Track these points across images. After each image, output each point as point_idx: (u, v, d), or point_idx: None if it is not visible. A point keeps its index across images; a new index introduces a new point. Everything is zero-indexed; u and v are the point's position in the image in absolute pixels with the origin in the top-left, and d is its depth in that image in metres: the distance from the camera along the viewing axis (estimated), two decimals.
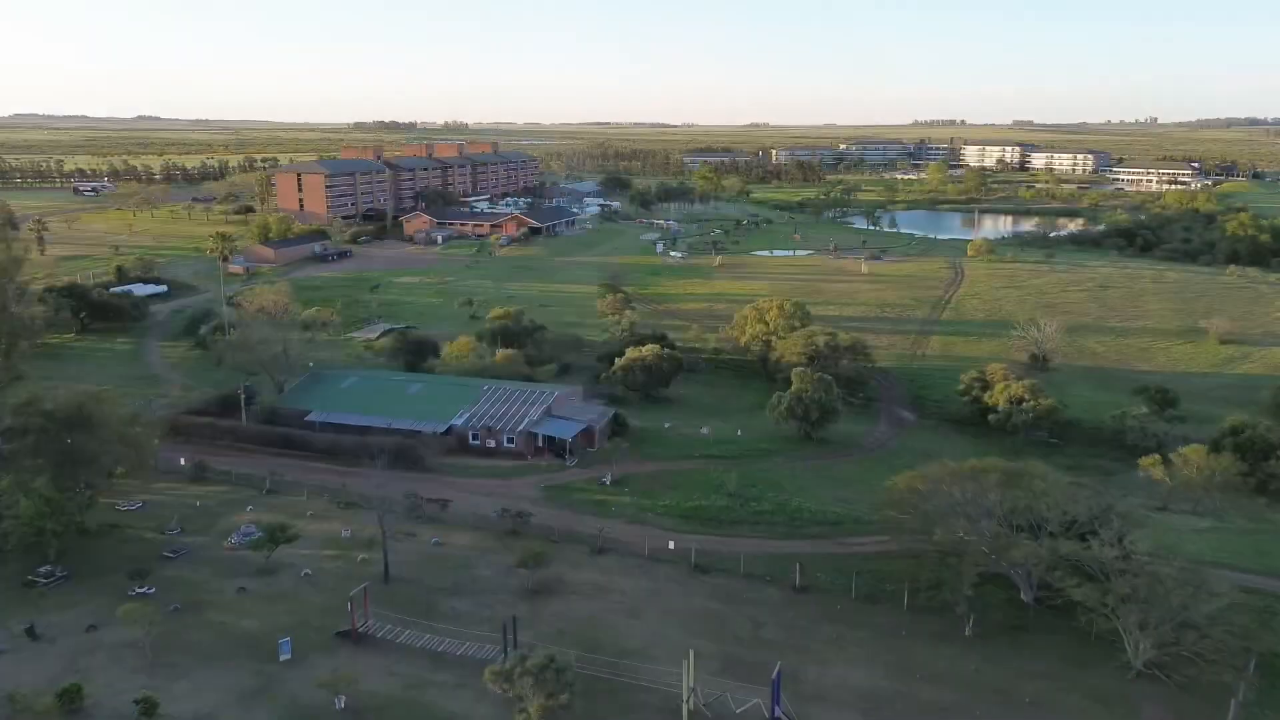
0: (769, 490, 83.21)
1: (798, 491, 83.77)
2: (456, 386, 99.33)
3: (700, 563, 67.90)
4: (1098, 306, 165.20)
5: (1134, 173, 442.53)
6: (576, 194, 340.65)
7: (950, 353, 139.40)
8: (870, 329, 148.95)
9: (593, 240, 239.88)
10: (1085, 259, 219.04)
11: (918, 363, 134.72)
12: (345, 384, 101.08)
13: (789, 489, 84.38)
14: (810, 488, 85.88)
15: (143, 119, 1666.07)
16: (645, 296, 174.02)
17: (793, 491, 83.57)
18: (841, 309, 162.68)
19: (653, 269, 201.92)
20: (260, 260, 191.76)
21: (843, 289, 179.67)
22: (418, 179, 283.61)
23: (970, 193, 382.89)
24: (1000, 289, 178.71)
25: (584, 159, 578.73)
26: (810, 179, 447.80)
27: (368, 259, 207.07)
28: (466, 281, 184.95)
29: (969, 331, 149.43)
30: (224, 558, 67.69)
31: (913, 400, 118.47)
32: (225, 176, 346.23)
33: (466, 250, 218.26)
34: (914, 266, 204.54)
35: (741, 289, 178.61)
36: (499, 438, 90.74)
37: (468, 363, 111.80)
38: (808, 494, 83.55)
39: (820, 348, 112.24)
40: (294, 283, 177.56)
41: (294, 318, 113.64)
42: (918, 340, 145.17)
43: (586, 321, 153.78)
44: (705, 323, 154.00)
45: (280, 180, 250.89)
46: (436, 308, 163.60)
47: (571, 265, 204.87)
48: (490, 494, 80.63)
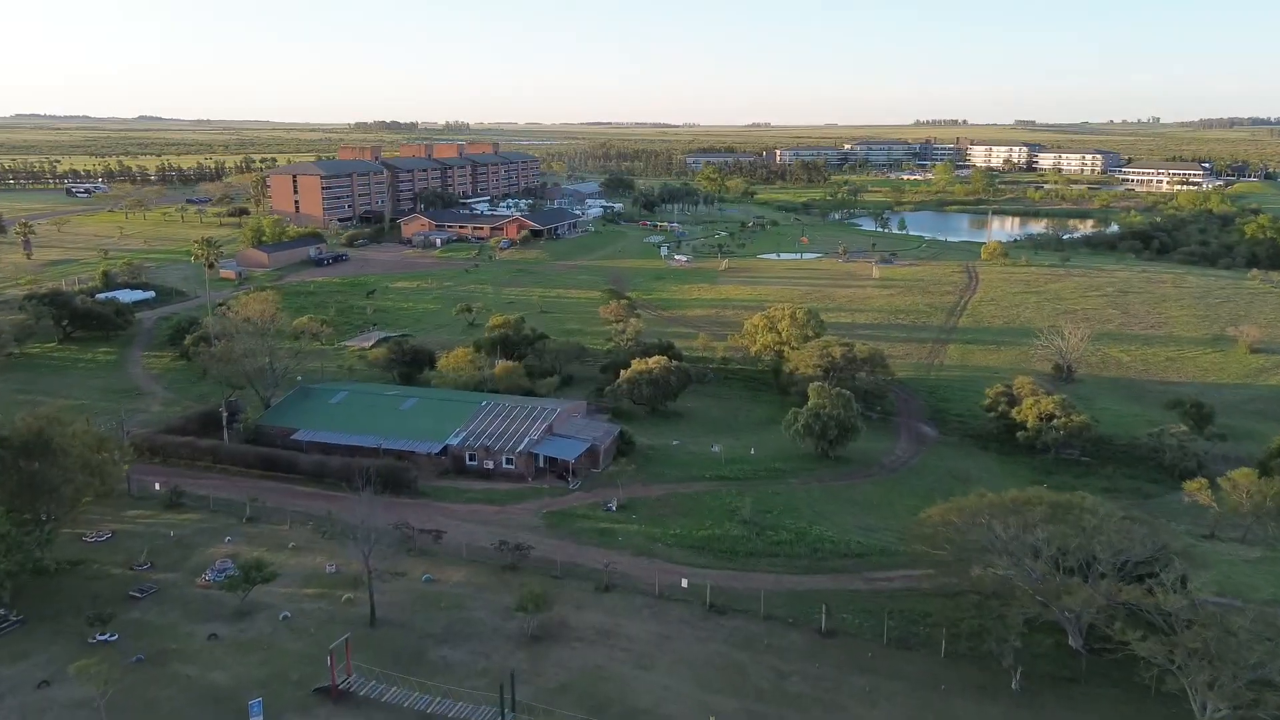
0: (786, 516, 77.55)
1: (817, 518, 78.09)
2: (453, 402, 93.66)
3: (716, 602, 62.22)
4: (1119, 313, 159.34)
5: (1144, 173, 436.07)
6: (578, 195, 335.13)
7: (969, 363, 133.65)
8: (884, 337, 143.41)
9: (595, 243, 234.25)
10: (1102, 262, 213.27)
11: (936, 373, 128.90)
12: (335, 400, 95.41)
13: (808, 515, 78.69)
14: (830, 513, 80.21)
15: (144, 119, 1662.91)
16: (649, 302, 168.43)
17: (812, 518, 77.89)
18: (853, 316, 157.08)
19: (657, 273, 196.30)
20: (253, 265, 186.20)
21: (853, 294, 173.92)
22: (416, 180, 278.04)
23: (978, 193, 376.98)
24: (1017, 294, 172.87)
25: (585, 159, 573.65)
26: (815, 179, 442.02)
27: (364, 263, 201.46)
28: (465, 286, 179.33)
29: (987, 340, 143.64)
30: (196, 597, 62.05)
31: (933, 414, 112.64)
32: (222, 178, 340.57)
33: (466, 254, 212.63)
34: (926, 270, 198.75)
35: (749, 294, 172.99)
36: (497, 458, 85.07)
37: (465, 375, 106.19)
38: (828, 520, 77.89)
39: (836, 359, 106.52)
40: (287, 288, 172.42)
41: (281, 329, 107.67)
42: (934, 349, 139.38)
43: (589, 329, 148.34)
44: (712, 330, 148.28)
45: (275, 182, 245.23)
46: (434, 314, 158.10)
47: (573, 269, 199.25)
48: (487, 522, 75.00)
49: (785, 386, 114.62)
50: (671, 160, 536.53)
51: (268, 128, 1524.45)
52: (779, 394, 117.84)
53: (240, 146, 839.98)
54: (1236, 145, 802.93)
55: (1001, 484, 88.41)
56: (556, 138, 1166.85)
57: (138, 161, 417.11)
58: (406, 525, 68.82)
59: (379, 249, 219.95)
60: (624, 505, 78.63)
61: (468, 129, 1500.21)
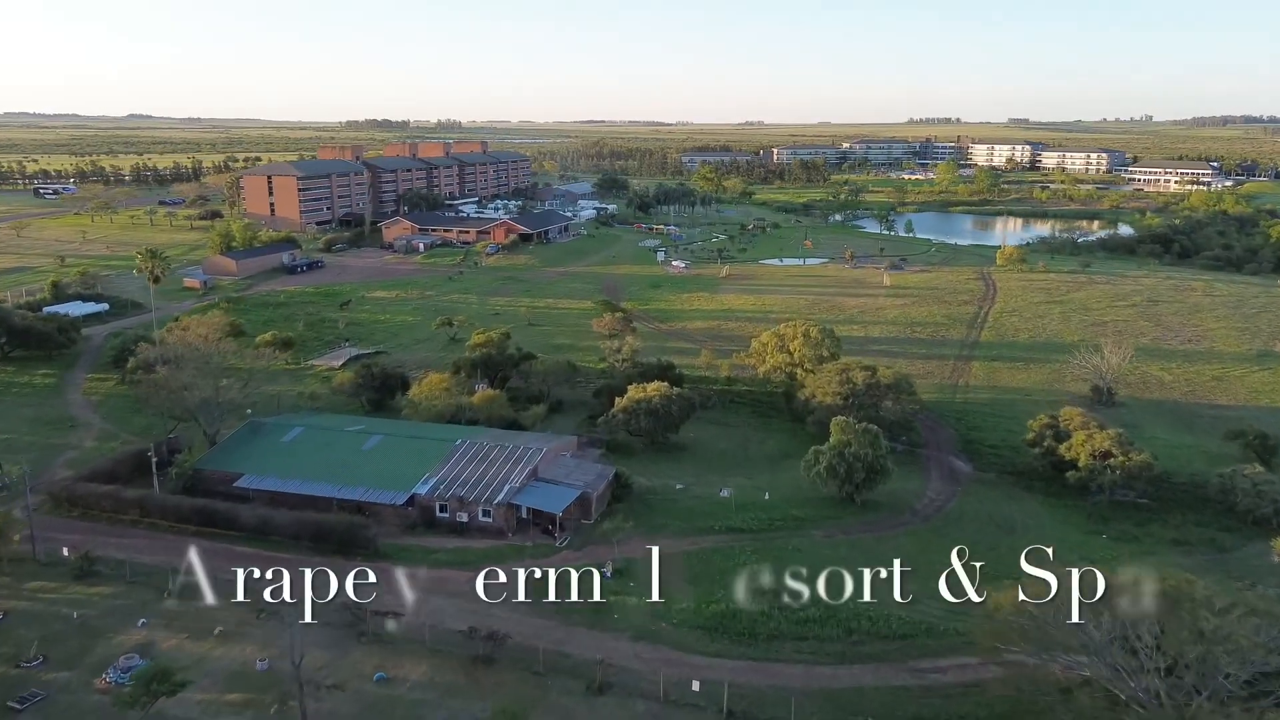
0: (812, 581, 65.59)
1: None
2: (423, 440, 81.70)
3: (735, 709, 50.54)
4: (1152, 325, 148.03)
5: (1150, 173, 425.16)
6: (570, 196, 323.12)
7: (997, 383, 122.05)
8: (902, 353, 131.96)
9: (588, 248, 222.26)
10: (1123, 268, 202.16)
11: (962, 396, 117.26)
12: (287, 437, 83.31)
13: (836, 581, 66.73)
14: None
15: (134, 117, 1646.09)
16: (646, 313, 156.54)
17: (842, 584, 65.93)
18: (866, 329, 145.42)
19: (653, 280, 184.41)
20: (221, 273, 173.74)
21: (864, 304, 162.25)
22: (400, 181, 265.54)
23: (982, 194, 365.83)
24: (1040, 304, 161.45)
25: (578, 158, 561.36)
26: (814, 179, 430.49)
27: (341, 270, 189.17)
28: (448, 296, 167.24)
29: (1014, 356, 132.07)
30: (92, 706, 50.15)
31: (964, 444, 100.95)
32: (198, 178, 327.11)
33: (450, 260, 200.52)
34: (939, 277, 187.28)
35: (752, 305, 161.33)
36: (473, 510, 73.13)
37: (441, 404, 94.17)
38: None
39: (858, 386, 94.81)
40: (255, 299, 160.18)
41: (226, 357, 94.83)
42: (958, 368, 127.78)
43: (582, 343, 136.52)
44: (715, 344, 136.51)
45: (249, 183, 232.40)
46: (413, 327, 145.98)
47: (564, 277, 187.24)
48: (457, 594, 62.83)
49: (799, 413, 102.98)
50: (666, 159, 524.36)
51: (258, 126, 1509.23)
52: (791, 420, 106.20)
53: (227, 145, 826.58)
54: (1233, 144, 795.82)
55: (1051, 534, 77.07)
56: (550, 136, 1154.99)
57: (114, 161, 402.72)
58: (357, 607, 56.82)
59: (358, 254, 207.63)
60: (621, 569, 66.84)
61: (460, 127, 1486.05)
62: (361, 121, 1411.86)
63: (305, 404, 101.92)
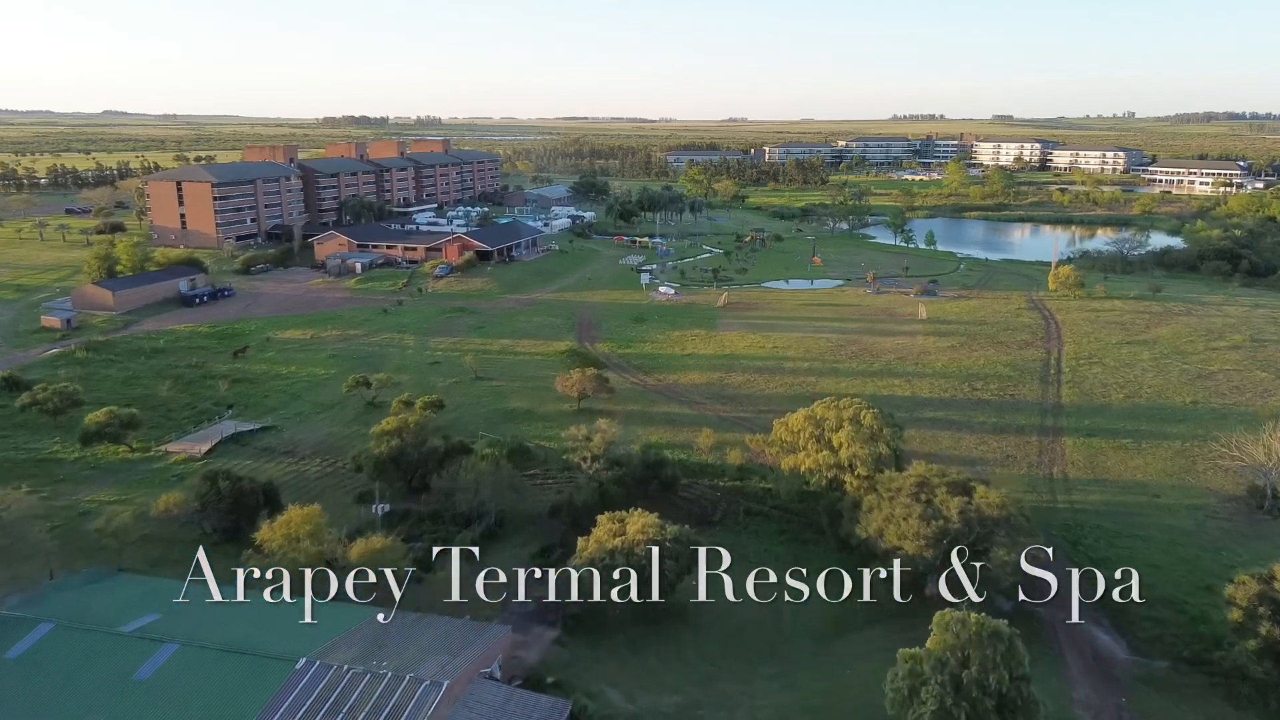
0: None
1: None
2: (243, 663, 47.78)
3: None
4: (1273, 377, 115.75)
5: (1173, 173, 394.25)
6: (544, 201, 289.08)
7: (1107, 473, 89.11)
8: (964, 423, 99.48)
9: (559, 267, 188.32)
10: (1194, 290, 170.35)
11: (1066, 497, 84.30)
12: (18, 650, 49.26)
13: None
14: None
15: (109, 114, 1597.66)
16: (627, 360, 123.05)
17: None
18: (911, 385, 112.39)
19: (637, 311, 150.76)
20: (94, 306, 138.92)
21: (901, 347, 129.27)
22: (343, 186, 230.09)
23: (997, 196, 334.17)
24: (1119, 346, 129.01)
25: (555, 157, 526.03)
26: (811, 180, 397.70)
27: (253, 300, 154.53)
28: (378, 337, 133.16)
29: (1116, 428, 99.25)
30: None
31: (1098, 599, 67.85)
32: (113, 182, 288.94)
33: (391, 284, 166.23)
34: (983, 306, 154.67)
35: (761, 348, 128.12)
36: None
37: (307, 552, 60.33)
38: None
39: (951, 521, 61.56)
40: (126, 343, 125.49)
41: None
42: (1045, 448, 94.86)
43: (543, 408, 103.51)
44: (718, 411, 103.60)
45: (154, 191, 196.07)
46: (322, 385, 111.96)
47: (528, 307, 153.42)
48: None
49: (849, 542, 69.81)
50: (651, 159, 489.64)
51: (233, 122, 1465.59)
52: (839, 549, 72.90)
53: (194, 143, 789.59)
54: (1222, 140, 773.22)
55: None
56: (531, 132, 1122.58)
57: (30, 161, 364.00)
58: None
59: (282, 277, 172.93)
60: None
61: (440, 123, 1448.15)
62: (339, 118, 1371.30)
63: (113, 542, 67.60)
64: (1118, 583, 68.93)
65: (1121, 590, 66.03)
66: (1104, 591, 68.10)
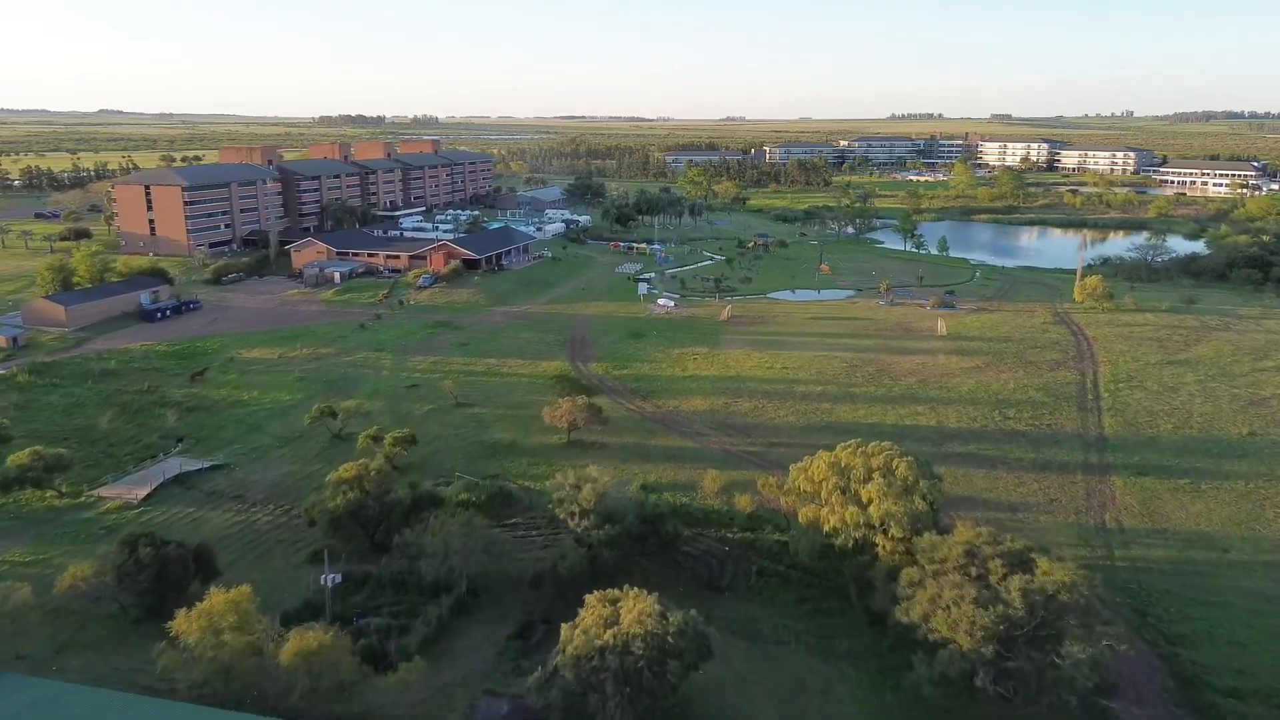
0: None
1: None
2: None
3: None
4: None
5: (1185, 174, 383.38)
6: (538, 204, 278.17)
7: (1167, 521, 78.47)
8: (1000, 458, 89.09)
9: (551, 275, 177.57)
10: (1226, 301, 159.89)
11: (1123, 552, 73.64)
12: None
13: None
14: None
15: (105, 113, 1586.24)
16: (622, 383, 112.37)
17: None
18: (936, 412, 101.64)
19: (633, 326, 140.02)
20: (45, 323, 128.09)
21: (921, 366, 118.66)
22: (325, 190, 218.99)
23: (1006, 198, 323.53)
24: (1158, 366, 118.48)
25: (551, 157, 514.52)
26: (814, 182, 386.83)
27: (221, 313, 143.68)
28: (351, 356, 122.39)
29: (1169, 466, 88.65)
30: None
31: (1181, 687, 57.27)
32: (85, 185, 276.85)
33: (371, 295, 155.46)
34: (1005, 319, 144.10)
35: (769, 368, 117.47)
36: None
37: (232, 647, 49.56)
38: None
39: (1013, 605, 50.84)
40: (75, 365, 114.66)
41: None
42: (1093, 490, 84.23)
43: (528, 440, 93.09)
44: (724, 441, 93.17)
45: (121, 195, 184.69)
46: (286, 414, 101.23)
47: (517, 321, 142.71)
48: None
49: (884, 618, 59.21)
50: (649, 160, 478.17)
51: (229, 121, 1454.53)
52: (869, 622, 62.32)
53: (187, 142, 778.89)
54: (1222, 140, 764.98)
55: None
56: (529, 132, 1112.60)
57: (11, 162, 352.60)
58: None
59: (255, 287, 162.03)
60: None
61: (437, 122, 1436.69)
62: (335, 117, 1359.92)
63: (8, 624, 56.76)
64: (1203, 668, 58.75)
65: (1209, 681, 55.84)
66: (1185, 678, 57.98)
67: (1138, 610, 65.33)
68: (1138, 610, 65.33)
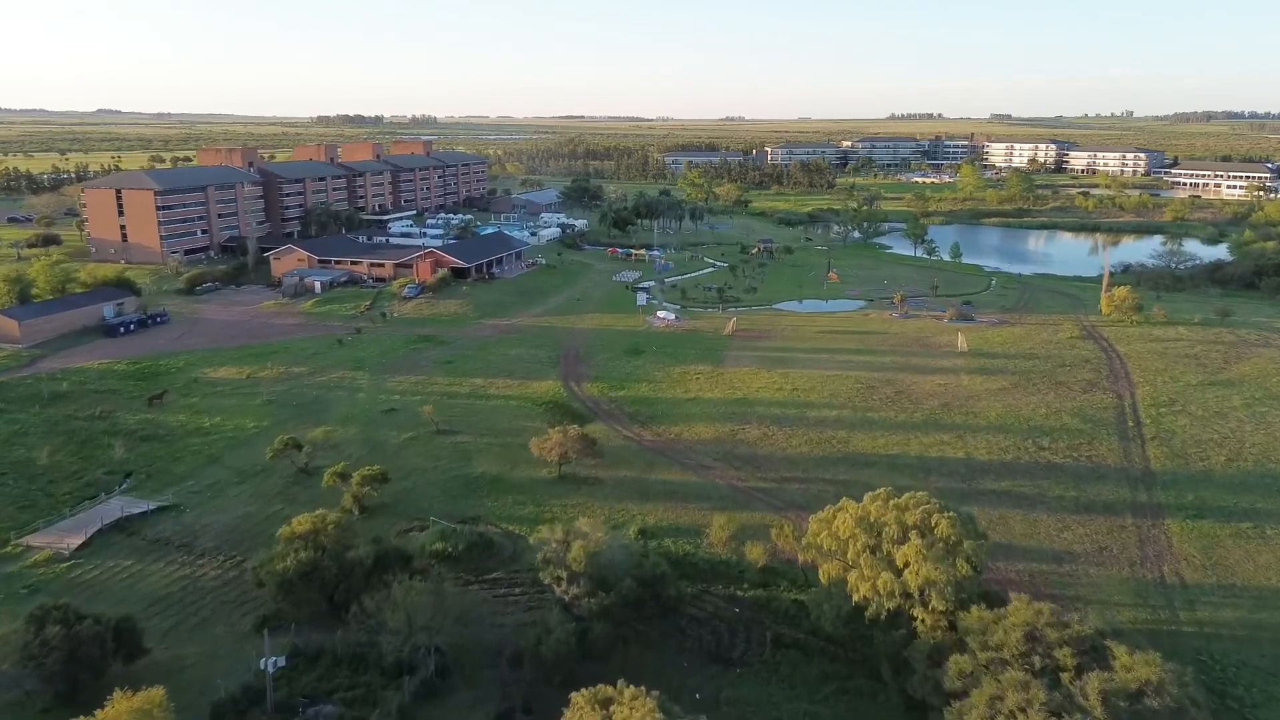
0: None
1: None
2: None
3: None
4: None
5: (1198, 175, 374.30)
6: (533, 207, 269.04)
7: (1234, 576, 69.34)
8: (1038, 497, 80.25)
9: (545, 285, 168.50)
10: (1264, 314, 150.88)
11: (1189, 614, 64.52)
12: None
13: None
14: None
15: (103, 113, 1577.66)
16: (619, 406, 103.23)
17: None
18: (963, 441, 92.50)
19: (632, 342, 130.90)
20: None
21: (943, 388, 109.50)
22: (310, 193, 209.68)
23: (1016, 201, 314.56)
24: (1202, 388, 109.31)
25: (548, 158, 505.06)
26: (817, 184, 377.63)
27: (192, 325, 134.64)
28: (325, 376, 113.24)
29: (1228, 506, 79.57)
30: None
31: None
32: (58, 187, 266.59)
33: (353, 306, 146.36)
34: (1028, 334, 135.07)
35: (779, 390, 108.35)
36: None
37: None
38: None
39: (1094, 712, 41.76)
40: (25, 386, 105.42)
41: None
42: (1145, 536, 75.13)
43: (515, 474, 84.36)
44: (731, 476, 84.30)
45: (91, 199, 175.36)
46: (250, 443, 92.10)
47: (507, 335, 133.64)
48: None
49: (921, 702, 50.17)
50: (648, 161, 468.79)
51: (227, 121, 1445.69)
52: (904, 708, 53.30)
53: (182, 142, 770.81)
54: (1224, 140, 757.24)
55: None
56: (527, 131, 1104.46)
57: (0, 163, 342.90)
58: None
59: (230, 298, 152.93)
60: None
61: (435, 122, 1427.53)
62: (333, 117, 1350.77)
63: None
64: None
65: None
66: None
67: (1214, 690, 56.28)
68: (1214, 690, 56.28)
